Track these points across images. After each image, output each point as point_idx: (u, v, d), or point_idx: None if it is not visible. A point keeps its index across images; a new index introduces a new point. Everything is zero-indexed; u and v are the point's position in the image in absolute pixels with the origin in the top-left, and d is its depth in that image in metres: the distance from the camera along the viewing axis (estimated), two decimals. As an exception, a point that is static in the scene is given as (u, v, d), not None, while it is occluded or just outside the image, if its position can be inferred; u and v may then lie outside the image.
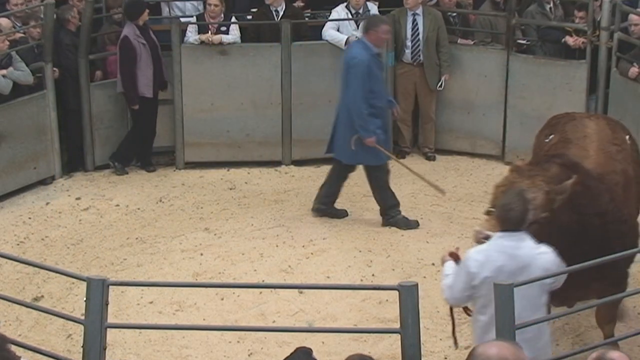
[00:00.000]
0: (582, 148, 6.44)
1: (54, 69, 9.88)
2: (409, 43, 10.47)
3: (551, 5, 10.67)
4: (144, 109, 10.09)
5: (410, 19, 10.45)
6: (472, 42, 10.82)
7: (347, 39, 10.30)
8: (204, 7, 10.50)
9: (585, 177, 5.91)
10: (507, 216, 5.28)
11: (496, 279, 5.05)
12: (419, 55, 10.49)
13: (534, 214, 5.45)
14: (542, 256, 5.28)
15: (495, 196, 5.72)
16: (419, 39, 10.45)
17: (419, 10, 10.46)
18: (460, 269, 5.42)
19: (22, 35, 9.87)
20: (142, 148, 10.35)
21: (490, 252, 5.29)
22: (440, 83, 10.56)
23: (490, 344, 3.77)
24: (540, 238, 5.41)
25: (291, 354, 4.44)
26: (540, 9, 10.60)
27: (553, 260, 5.31)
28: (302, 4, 11.34)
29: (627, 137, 6.86)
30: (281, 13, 10.47)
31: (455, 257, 5.62)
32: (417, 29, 10.45)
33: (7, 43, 9.48)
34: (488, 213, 5.61)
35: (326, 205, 9.15)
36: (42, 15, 9.89)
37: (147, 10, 10.02)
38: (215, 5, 10.24)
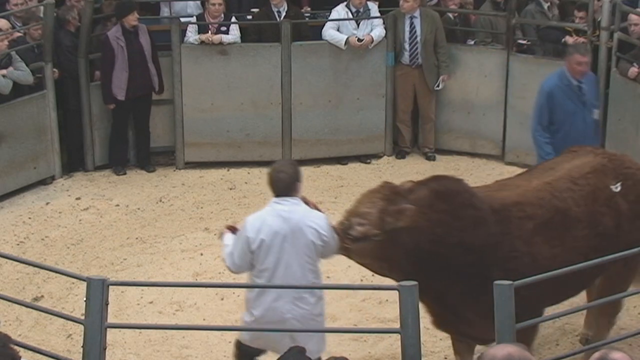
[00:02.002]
0: (529, 179, 6.23)
1: (54, 69, 9.89)
2: (406, 46, 10.47)
3: (549, 4, 10.67)
4: (117, 110, 10.13)
5: (407, 22, 10.44)
6: (473, 42, 10.82)
7: (347, 38, 10.30)
8: (204, 7, 10.50)
9: (458, 207, 5.62)
10: (276, 179, 5.68)
11: (272, 242, 5.53)
12: (417, 58, 10.48)
13: (367, 229, 5.51)
14: (312, 216, 5.63)
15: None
16: (416, 42, 10.45)
17: (417, 13, 10.45)
18: (239, 236, 5.69)
19: (21, 35, 9.86)
20: (121, 148, 10.37)
21: (266, 217, 5.62)
22: (437, 83, 10.57)
23: (500, 346, 3.78)
24: (385, 258, 5.61)
25: (285, 352, 4.45)
26: (539, 7, 10.60)
27: (324, 224, 5.60)
28: (308, 9, 11.37)
29: (617, 184, 6.25)
30: (283, 14, 10.48)
31: (233, 229, 5.86)
32: (415, 31, 10.44)
33: (7, 43, 9.47)
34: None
35: None
36: (42, 15, 9.90)
37: (136, 14, 9.97)
38: (220, 5, 10.25)
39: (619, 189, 6.23)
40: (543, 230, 5.88)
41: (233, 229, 5.88)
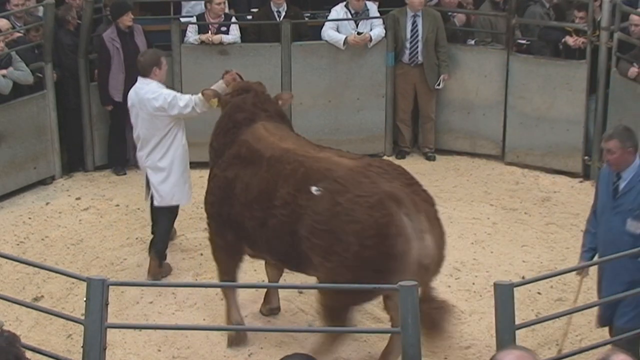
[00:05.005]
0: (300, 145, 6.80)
1: (53, 71, 9.88)
2: (407, 44, 10.47)
3: (550, 3, 10.69)
4: (115, 111, 10.13)
5: (410, 21, 10.45)
6: (473, 41, 10.82)
7: (346, 38, 10.31)
8: (205, 7, 10.50)
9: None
10: (138, 62, 8.03)
11: (133, 107, 7.93)
12: (417, 57, 10.49)
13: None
14: (150, 91, 7.82)
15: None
16: (417, 41, 10.45)
17: (419, 12, 10.47)
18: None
19: (21, 35, 9.87)
20: (121, 148, 10.37)
21: (131, 91, 8.00)
22: (438, 82, 10.57)
23: (508, 351, 3.79)
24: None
25: (289, 356, 4.17)
26: (545, 9, 10.61)
27: (158, 95, 7.78)
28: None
29: (319, 189, 6.30)
30: (283, 14, 10.48)
31: None
32: (417, 30, 10.45)
33: (2, 44, 9.44)
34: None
35: None
36: (41, 15, 9.90)
37: (131, 15, 9.95)
38: (223, 4, 10.26)
39: (317, 192, 6.27)
40: (257, 180, 6.69)
41: None
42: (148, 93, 7.80)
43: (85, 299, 4.82)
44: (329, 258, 6.18)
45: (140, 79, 7.94)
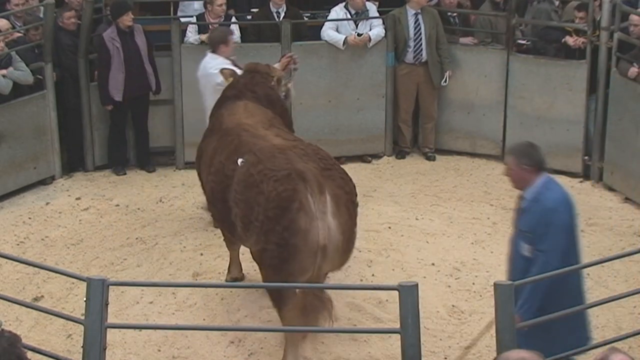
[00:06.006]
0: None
1: (53, 72, 9.89)
2: (411, 43, 10.47)
3: (558, 1, 10.70)
4: (115, 111, 10.14)
5: (412, 19, 10.46)
6: (474, 41, 10.80)
7: (345, 38, 10.31)
8: (204, 7, 10.50)
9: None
10: (208, 38, 9.14)
11: (201, 79, 8.70)
12: (421, 55, 10.50)
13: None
14: (214, 65, 8.44)
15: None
16: (421, 38, 10.46)
17: (420, 10, 10.48)
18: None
19: (21, 35, 9.87)
20: (121, 148, 10.38)
21: (201, 64, 8.73)
22: (444, 79, 10.58)
23: (512, 351, 3.80)
24: None
25: None
26: (553, 6, 10.61)
27: (217, 67, 8.27)
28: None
29: (243, 160, 6.71)
30: (282, 14, 10.48)
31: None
32: (419, 28, 10.46)
33: (2, 44, 9.43)
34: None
35: None
36: (42, 15, 9.90)
37: (131, 15, 9.96)
38: (224, 5, 10.25)
39: (241, 163, 6.67)
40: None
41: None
42: (212, 68, 8.44)
43: (85, 299, 4.82)
44: (247, 227, 6.45)
45: (209, 54, 8.72)
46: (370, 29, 10.46)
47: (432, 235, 8.81)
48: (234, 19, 10.57)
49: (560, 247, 5.55)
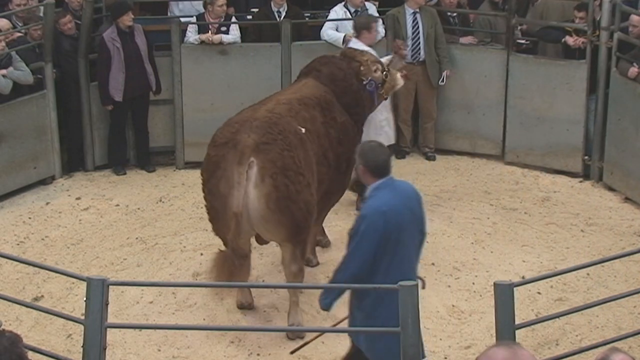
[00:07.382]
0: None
1: (53, 70, 9.89)
2: (409, 42, 10.48)
3: None
4: (115, 111, 10.14)
5: (410, 18, 10.47)
6: (475, 40, 10.80)
7: (344, 37, 10.31)
8: (204, 7, 10.50)
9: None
10: (353, 22, 9.43)
11: None
12: (419, 54, 10.51)
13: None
14: None
15: None
16: (419, 37, 10.46)
17: (418, 9, 10.49)
18: None
19: (21, 35, 9.86)
20: (121, 148, 10.38)
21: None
22: (441, 78, 10.58)
23: (498, 346, 3.76)
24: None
25: None
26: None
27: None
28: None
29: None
30: (283, 14, 10.48)
31: None
32: (418, 27, 10.46)
33: (2, 44, 9.44)
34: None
35: None
36: (42, 15, 9.90)
37: (131, 14, 9.97)
38: (225, 5, 10.25)
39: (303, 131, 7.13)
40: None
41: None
42: None
43: (85, 298, 4.82)
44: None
45: (353, 39, 9.06)
46: (370, 29, 10.45)
47: (432, 235, 8.78)
48: (234, 19, 10.57)
49: (362, 255, 5.51)
